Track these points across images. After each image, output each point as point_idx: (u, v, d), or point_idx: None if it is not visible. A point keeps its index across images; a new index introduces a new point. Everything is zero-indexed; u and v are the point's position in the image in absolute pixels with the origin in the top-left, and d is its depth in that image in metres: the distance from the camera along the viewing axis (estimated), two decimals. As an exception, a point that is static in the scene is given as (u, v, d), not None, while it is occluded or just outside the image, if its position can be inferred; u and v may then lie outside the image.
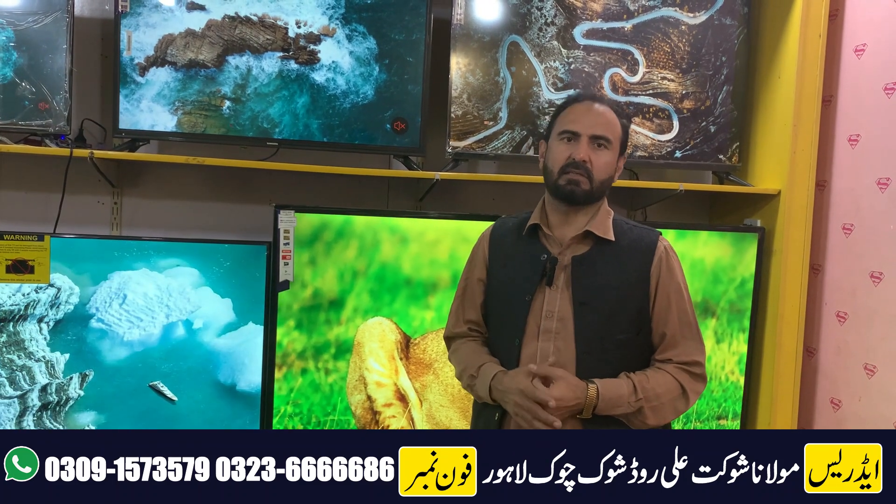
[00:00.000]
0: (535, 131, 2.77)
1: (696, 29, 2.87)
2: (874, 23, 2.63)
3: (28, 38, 2.51)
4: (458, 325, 1.98)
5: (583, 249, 1.81)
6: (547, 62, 2.78)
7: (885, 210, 2.54)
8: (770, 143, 2.89)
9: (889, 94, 2.54)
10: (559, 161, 1.79)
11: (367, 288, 2.64)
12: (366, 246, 2.63)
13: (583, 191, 1.76)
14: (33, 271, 2.51)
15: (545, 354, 1.77)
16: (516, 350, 1.80)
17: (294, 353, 2.63)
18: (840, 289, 2.75)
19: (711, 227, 2.96)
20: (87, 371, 2.58)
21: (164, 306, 2.62)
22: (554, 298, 1.79)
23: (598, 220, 1.81)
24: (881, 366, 2.55)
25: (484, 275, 1.93)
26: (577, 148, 1.77)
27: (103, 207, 2.85)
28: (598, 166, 1.77)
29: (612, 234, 1.81)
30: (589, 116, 1.79)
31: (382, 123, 2.70)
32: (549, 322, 1.78)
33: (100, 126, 2.77)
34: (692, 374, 1.80)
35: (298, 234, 2.59)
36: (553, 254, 1.81)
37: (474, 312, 1.95)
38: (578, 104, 1.83)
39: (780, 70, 2.84)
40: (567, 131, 1.79)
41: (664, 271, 1.81)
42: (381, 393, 2.62)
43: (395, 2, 2.67)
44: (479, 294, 1.94)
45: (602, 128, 1.78)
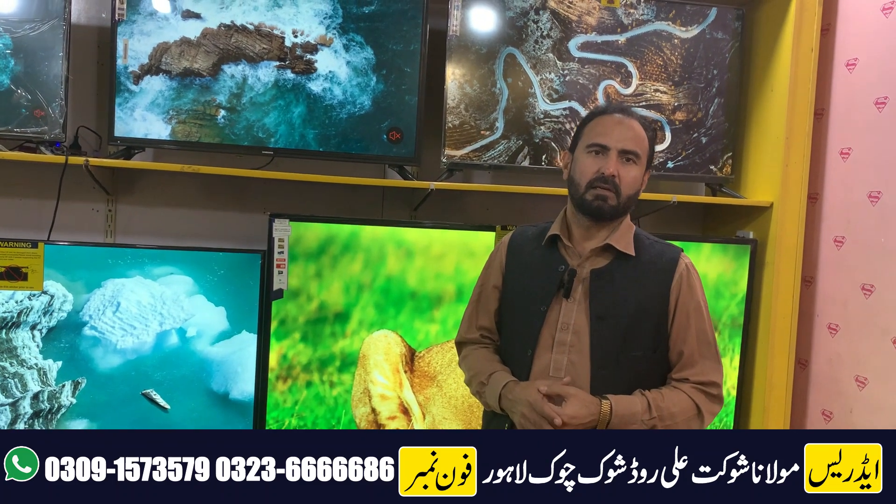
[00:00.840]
0: (531, 141, 2.79)
1: (688, 42, 2.89)
2: (866, 37, 2.66)
3: (25, 45, 2.51)
4: (471, 331, 1.95)
5: (602, 263, 1.78)
6: (542, 74, 2.80)
7: (877, 223, 2.57)
8: (763, 155, 2.91)
9: (880, 107, 2.57)
10: (587, 174, 1.75)
11: (373, 301, 2.65)
12: (371, 259, 2.64)
13: (610, 206, 1.73)
14: (27, 278, 2.51)
15: (558, 367, 1.75)
16: (528, 360, 1.78)
17: (299, 365, 2.63)
18: (832, 301, 2.77)
19: (704, 238, 2.98)
20: (79, 379, 2.57)
21: (157, 314, 2.61)
22: (570, 310, 1.76)
23: (620, 234, 1.78)
24: (872, 378, 2.56)
25: (500, 282, 1.91)
26: (607, 162, 1.73)
27: (98, 215, 2.84)
28: (627, 181, 1.74)
29: (632, 249, 1.78)
30: (619, 130, 1.75)
31: (379, 134, 2.71)
32: (564, 334, 1.75)
33: (95, 134, 2.76)
34: (708, 395, 1.77)
35: (304, 247, 2.60)
36: (572, 265, 1.78)
37: (488, 319, 1.93)
38: (607, 116, 1.78)
39: (772, 83, 2.87)
40: (596, 144, 1.75)
41: (685, 289, 1.78)
42: (385, 406, 2.62)
43: (392, 12, 2.68)
44: (494, 301, 1.92)
45: (632, 142, 1.75)
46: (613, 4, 2.78)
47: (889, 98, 2.54)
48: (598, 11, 2.81)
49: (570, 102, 2.81)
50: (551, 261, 1.81)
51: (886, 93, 2.55)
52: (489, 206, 3.06)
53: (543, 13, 2.78)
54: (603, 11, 2.82)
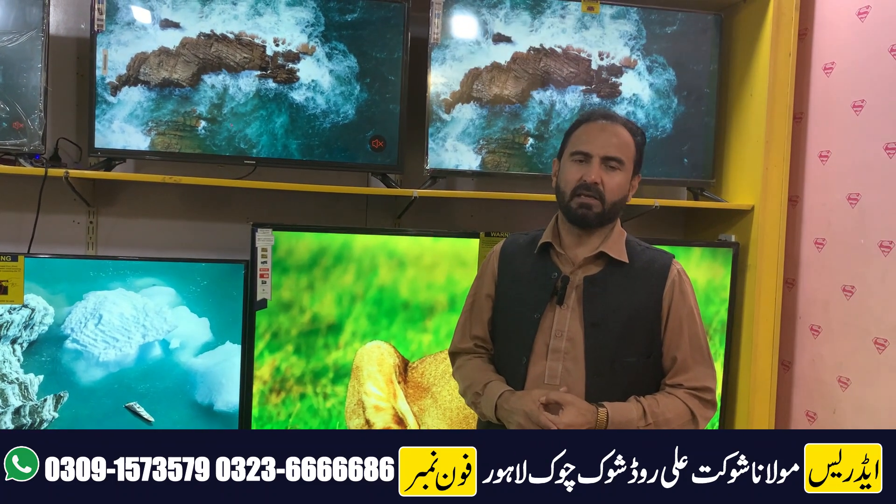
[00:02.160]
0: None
1: (667, 48, 2.91)
2: (842, 41, 2.69)
3: (3, 56, 2.48)
4: (464, 341, 1.94)
5: (595, 269, 1.79)
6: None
7: (856, 225, 2.59)
8: (743, 159, 2.93)
9: (857, 110, 2.60)
10: (571, 182, 1.77)
11: (365, 312, 2.64)
12: (363, 270, 2.63)
13: (595, 214, 1.75)
14: (7, 292, 2.48)
15: (553, 374, 1.75)
16: (523, 368, 1.78)
17: (293, 377, 2.61)
18: (813, 302, 2.79)
19: (686, 242, 3.00)
20: (61, 392, 2.54)
21: (140, 326, 2.59)
22: (564, 318, 1.77)
23: (612, 241, 1.80)
24: (854, 378, 2.58)
25: (493, 291, 1.91)
26: (589, 170, 1.75)
27: (79, 227, 2.82)
28: (611, 188, 1.75)
29: (625, 256, 1.80)
30: (601, 136, 1.77)
31: (363, 143, 2.70)
32: (559, 342, 1.76)
33: (75, 145, 2.74)
34: (702, 400, 1.79)
35: (296, 259, 2.59)
36: (565, 273, 1.79)
37: (481, 328, 1.92)
38: (591, 123, 1.80)
39: (751, 88, 2.89)
40: (579, 152, 1.77)
41: (677, 295, 1.80)
42: (379, 417, 2.60)
43: (375, 19, 2.68)
44: (487, 310, 1.91)
45: (615, 149, 1.76)
46: (594, 11, 2.80)
47: (866, 101, 2.57)
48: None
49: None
50: (544, 268, 1.81)
51: (863, 95, 2.58)
52: (473, 212, 3.06)
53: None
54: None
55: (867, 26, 2.58)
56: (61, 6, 2.73)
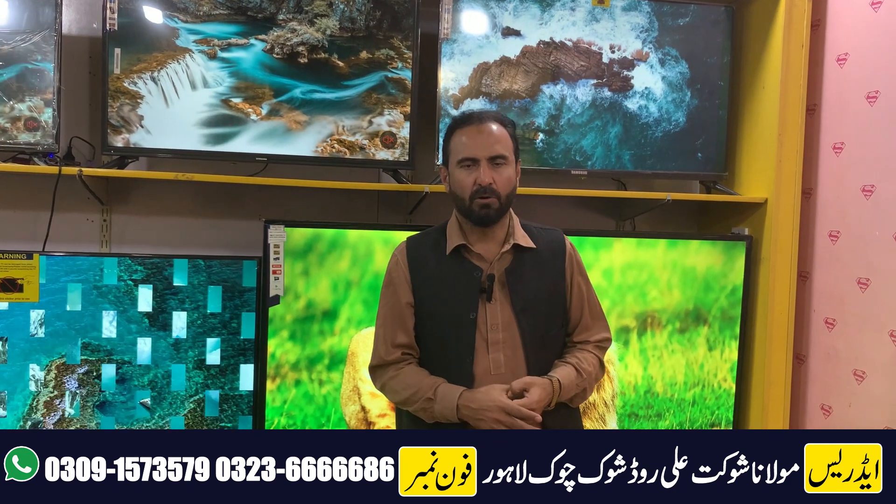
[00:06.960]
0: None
1: (679, 42, 2.90)
2: (856, 32, 2.66)
3: (16, 56, 2.50)
4: (390, 353, 1.93)
5: (509, 259, 1.91)
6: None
7: (871, 217, 2.57)
8: (756, 152, 2.92)
9: (871, 101, 2.58)
10: (467, 188, 1.86)
11: (361, 298, 2.64)
12: (359, 256, 2.63)
13: (495, 210, 1.86)
14: (22, 290, 2.50)
15: (498, 364, 1.85)
16: (468, 366, 1.85)
17: (288, 364, 2.62)
18: (828, 295, 2.77)
19: (700, 235, 2.98)
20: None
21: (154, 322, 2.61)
22: (495, 311, 1.87)
23: (518, 232, 1.93)
24: (870, 371, 2.56)
25: (411, 298, 1.93)
26: (479, 173, 1.84)
27: (92, 225, 2.84)
28: (502, 183, 1.86)
29: (531, 242, 1.93)
30: (480, 139, 1.86)
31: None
32: (496, 334, 1.87)
33: (88, 143, 2.76)
34: (603, 349, 2.01)
35: (291, 245, 2.59)
36: (482, 269, 1.89)
37: (406, 337, 1.93)
38: (467, 127, 1.88)
39: (764, 80, 2.87)
40: (465, 159, 1.86)
41: (575, 266, 1.98)
42: (375, 403, 2.61)
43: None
44: (410, 317, 1.93)
45: (497, 146, 1.86)
46: (604, 4, 2.79)
47: (880, 92, 2.54)
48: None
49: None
50: (464, 269, 1.90)
51: (878, 87, 2.56)
52: (484, 207, 3.05)
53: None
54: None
55: (881, 17, 2.56)
56: (73, 6, 2.75)
